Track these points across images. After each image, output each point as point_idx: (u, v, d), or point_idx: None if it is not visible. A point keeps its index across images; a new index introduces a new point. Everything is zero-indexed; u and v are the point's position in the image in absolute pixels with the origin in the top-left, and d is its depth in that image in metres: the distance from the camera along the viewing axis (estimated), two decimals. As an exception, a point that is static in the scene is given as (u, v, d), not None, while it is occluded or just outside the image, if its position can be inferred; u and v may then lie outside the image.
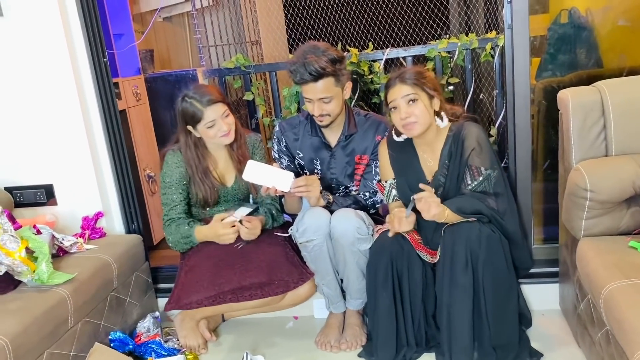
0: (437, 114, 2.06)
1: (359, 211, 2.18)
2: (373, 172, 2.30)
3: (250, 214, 2.29)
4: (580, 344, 2.05)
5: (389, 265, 2.05)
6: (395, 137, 2.15)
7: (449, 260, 1.98)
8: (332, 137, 2.30)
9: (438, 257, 2.06)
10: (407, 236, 2.08)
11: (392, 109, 2.03)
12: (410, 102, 1.99)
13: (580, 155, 1.98)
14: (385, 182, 2.21)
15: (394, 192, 2.19)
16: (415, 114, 1.99)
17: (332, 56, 2.08)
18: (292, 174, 2.12)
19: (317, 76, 2.06)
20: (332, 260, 2.20)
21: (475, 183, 2.03)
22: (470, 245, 1.93)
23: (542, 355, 2.05)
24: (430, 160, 2.13)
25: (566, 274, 2.17)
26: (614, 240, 1.87)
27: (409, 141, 2.14)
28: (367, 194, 2.31)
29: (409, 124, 2.01)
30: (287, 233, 2.29)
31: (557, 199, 2.21)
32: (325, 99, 2.12)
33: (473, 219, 1.98)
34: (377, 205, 2.35)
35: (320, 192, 2.17)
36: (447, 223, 2.01)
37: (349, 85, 2.19)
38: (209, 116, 2.18)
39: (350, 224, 2.10)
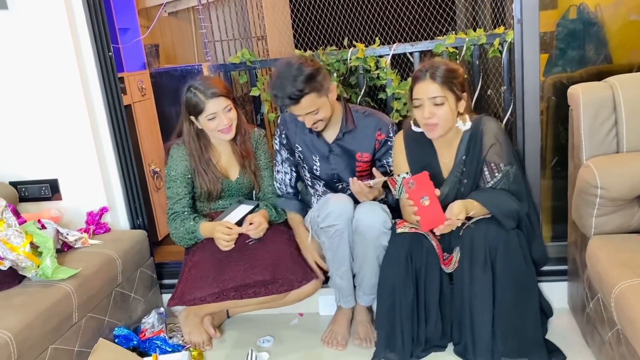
0: (461, 115, 2.03)
1: (382, 204, 2.17)
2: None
3: (251, 211, 2.27)
4: (589, 344, 2.03)
5: (408, 263, 2.01)
6: (413, 127, 2.11)
7: (468, 259, 1.96)
8: (329, 134, 2.29)
9: (455, 262, 2.03)
10: (435, 248, 2.04)
11: (416, 105, 1.99)
12: (436, 105, 1.95)
13: (590, 152, 1.95)
14: (398, 176, 2.12)
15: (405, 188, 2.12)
16: (439, 115, 1.96)
17: (307, 73, 2.05)
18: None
19: (297, 99, 2.07)
20: (351, 249, 2.17)
21: (495, 180, 2.01)
22: (490, 242, 1.92)
23: (565, 357, 2.02)
24: (446, 157, 2.10)
25: (575, 273, 2.15)
26: (625, 238, 1.84)
27: (426, 136, 2.10)
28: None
29: (430, 125, 1.97)
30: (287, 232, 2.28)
31: (565, 196, 2.18)
32: (313, 112, 2.13)
33: (489, 215, 1.97)
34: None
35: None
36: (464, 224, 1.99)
37: (333, 88, 2.17)
38: (211, 108, 2.17)
39: (378, 217, 2.09)
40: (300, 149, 2.34)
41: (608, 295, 1.64)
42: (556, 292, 2.30)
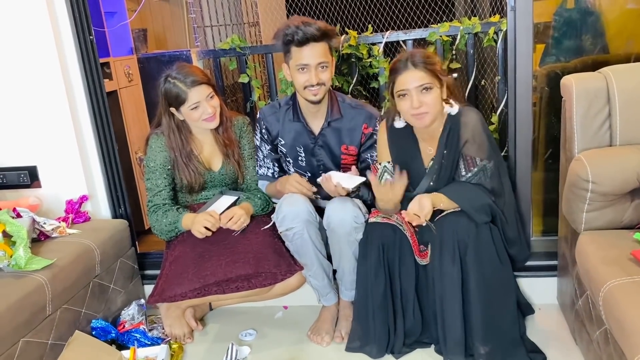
0: (446, 101, 1.97)
1: (354, 199, 2.11)
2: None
3: (234, 202, 2.20)
4: (577, 341, 1.97)
5: (380, 253, 1.98)
6: (395, 124, 2.07)
7: (438, 252, 1.91)
8: (315, 123, 2.21)
9: (429, 256, 1.99)
10: (409, 238, 2.00)
11: (401, 96, 1.92)
12: (424, 91, 1.88)
13: (583, 145, 1.89)
14: (379, 164, 2.12)
15: (386, 175, 2.09)
16: (428, 103, 1.89)
17: (320, 24, 2.02)
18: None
19: (320, 35, 1.99)
20: (317, 248, 2.13)
21: (470, 174, 1.96)
22: (458, 235, 1.87)
23: (544, 357, 1.95)
24: (430, 148, 2.05)
25: (565, 268, 2.09)
26: (617, 235, 1.78)
27: (408, 127, 2.06)
28: None
29: (420, 115, 1.90)
30: (271, 221, 2.21)
31: (557, 190, 2.12)
32: (323, 64, 2.04)
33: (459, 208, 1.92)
34: None
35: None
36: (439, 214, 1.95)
37: (333, 62, 2.13)
38: (193, 98, 2.10)
39: (348, 213, 2.02)
40: (283, 142, 2.26)
41: (596, 293, 1.59)
42: (545, 288, 2.25)
